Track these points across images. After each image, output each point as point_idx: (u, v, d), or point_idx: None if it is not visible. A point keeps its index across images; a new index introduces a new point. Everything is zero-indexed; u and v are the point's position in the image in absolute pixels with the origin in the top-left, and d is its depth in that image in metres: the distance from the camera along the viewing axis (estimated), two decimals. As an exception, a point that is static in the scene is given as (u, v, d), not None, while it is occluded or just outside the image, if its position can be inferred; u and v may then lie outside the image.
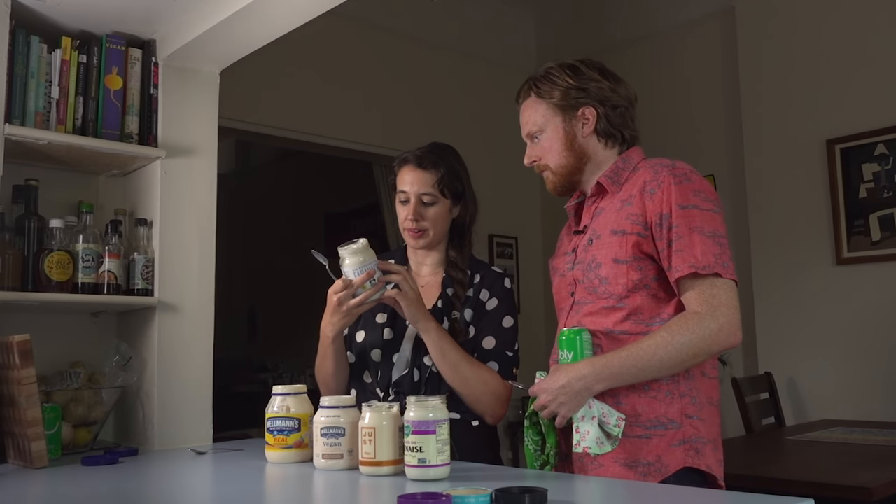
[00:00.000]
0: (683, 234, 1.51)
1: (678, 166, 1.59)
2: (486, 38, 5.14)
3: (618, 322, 1.56)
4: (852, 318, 3.85)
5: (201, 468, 1.79)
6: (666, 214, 1.53)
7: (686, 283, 1.51)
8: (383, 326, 1.85)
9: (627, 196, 1.60)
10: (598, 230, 1.63)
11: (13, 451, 1.81)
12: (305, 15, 2.04)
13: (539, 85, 1.68)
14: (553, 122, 1.67)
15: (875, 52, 3.87)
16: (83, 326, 2.24)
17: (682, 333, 1.48)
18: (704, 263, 1.49)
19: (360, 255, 1.68)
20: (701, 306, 1.49)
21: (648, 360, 1.48)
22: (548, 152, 1.69)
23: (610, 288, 1.57)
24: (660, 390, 1.54)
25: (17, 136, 1.95)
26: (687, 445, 1.53)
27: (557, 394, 1.50)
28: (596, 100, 1.65)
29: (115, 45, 2.15)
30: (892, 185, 3.80)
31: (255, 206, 6.95)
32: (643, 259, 1.56)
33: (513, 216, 5.07)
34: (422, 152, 1.89)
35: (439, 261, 1.93)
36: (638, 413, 1.52)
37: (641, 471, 1.51)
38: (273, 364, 6.38)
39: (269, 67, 3.79)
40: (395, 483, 1.40)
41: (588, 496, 1.32)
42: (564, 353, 1.55)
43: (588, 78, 1.66)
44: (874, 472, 2.30)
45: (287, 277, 6.40)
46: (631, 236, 1.55)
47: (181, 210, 2.21)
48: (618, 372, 1.50)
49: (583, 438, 1.49)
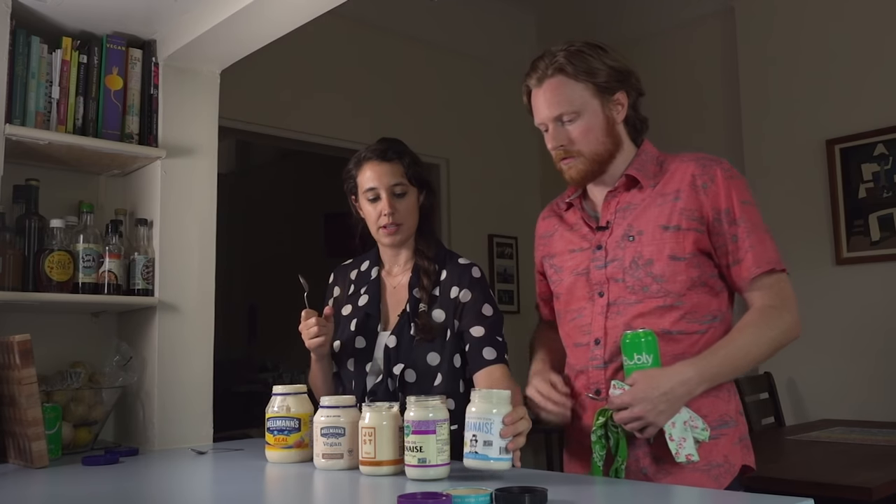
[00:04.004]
0: (752, 231, 1.49)
1: (723, 161, 1.56)
2: (486, 38, 5.14)
3: (674, 322, 1.50)
4: (852, 318, 3.85)
5: (201, 468, 1.79)
6: (727, 210, 1.50)
7: (758, 280, 1.49)
8: (355, 335, 1.85)
9: (672, 190, 1.54)
10: (636, 226, 1.55)
11: (13, 450, 1.81)
12: (305, 15, 2.04)
13: (573, 62, 1.55)
14: (591, 105, 1.55)
15: (875, 53, 3.87)
16: (83, 326, 2.24)
17: (771, 328, 1.46)
18: (777, 260, 1.50)
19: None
20: (774, 300, 1.48)
21: (743, 358, 1.45)
22: (583, 138, 1.56)
23: (667, 286, 1.50)
24: (721, 388, 1.50)
25: (17, 136, 1.95)
26: (743, 443, 1.53)
27: (658, 402, 1.40)
28: (627, 84, 1.58)
29: (116, 45, 2.15)
30: (892, 185, 3.80)
31: (255, 206, 6.94)
32: (700, 255, 1.51)
33: (513, 216, 5.07)
34: (380, 147, 1.86)
35: (409, 257, 1.90)
36: (704, 414, 1.46)
37: (714, 473, 1.47)
38: (273, 364, 6.37)
39: (270, 67, 3.79)
40: (395, 483, 1.40)
41: (588, 496, 1.32)
42: (640, 356, 1.43)
43: (615, 59, 1.58)
44: (874, 472, 2.30)
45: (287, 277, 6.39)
46: (689, 232, 1.50)
47: (181, 210, 2.21)
48: (717, 372, 1.45)
49: (680, 447, 1.41)
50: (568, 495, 1.27)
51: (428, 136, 4.53)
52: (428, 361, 1.77)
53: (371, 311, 1.86)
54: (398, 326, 1.81)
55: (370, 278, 1.93)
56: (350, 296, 1.95)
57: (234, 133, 4.08)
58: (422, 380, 1.76)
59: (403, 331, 1.79)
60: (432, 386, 1.76)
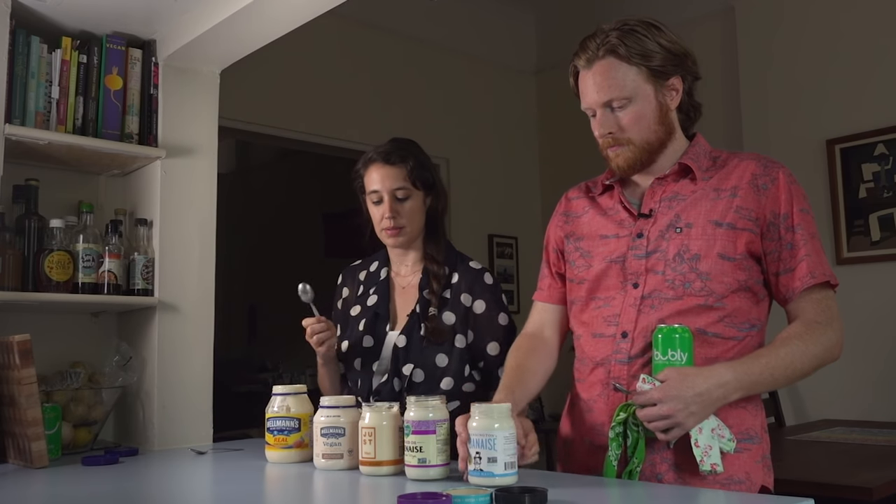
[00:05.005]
0: (808, 240, 1.42)
1: (785, 165, 1.49)
2: (486, 38, 5.14)
3: (712, 323, 1.41)
4: (852, 318, 3.80)
5: (201, 468, 1.79)
6: (785, 215, 1.43)
7: (810, 292, 1.42)
8: (363, 334, 1.85)
9: (729, 187, 1.46)
10: (685, 218, 1.46)
11: (13, 450, 1.81)
12: (305, 15, 2.04)
13: (628, 44, 1.45)
14: (644, 90, 1.46)
15: (875, 53, 3.87)
16: (83, 326, 2.24)
17: (815, 344, 1.39)
18: (832, 274, 1.43)
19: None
20: (820, 316, 1.41)
21: (784, 370, 1.37)
22: (635, 124, 1.47)
23: (711, 285, 1.41)
24: (749, 401, 1.42)
25: (17, 136, 1.95)
26: (765, 462, 1.44)
27: (691, 402, 1.30)
28: (682, 67, 1.50)
29: (116, 45, 2.15)
30: (892, 185, 3.80)
31: (255, 206, 6.94)
32: (750, 258, 1.43)
33: (513, 216, 5.07)
34: (386, 149, 1.87)
35: (418, 258, 1.91)
36: (730, 425, 1.38)
37: (734, 489, 1.38)
38: (273, 364, 6.37)
39: (269, 67, 3.79)
40: (395, 483, 1.40)
41: (588, 496, 1.32)
42: (676, 353, 1.35)
43: (672, 40, 1.49)
44: (874, 472, 2.30)
45: (287, 277, 6.40)
46: (743, 233, 1.42)
47: (181, 210, 2.21)
48: (757, 380, 1.36)
49: (706, 454, 1.33)
50: (568, 495, 1.27)
51: (428, 136, 4.49)
52: (436, 363, 1.78)
53: (380, 311, 1.86)
54: (408, 326, 1.81)
55: (379, 278, 1.94)
56: (359, 296, 1.95)
57: (234, 133, 4.08)
58: (429, 380, 1.77)
59: (413, 331, 1.80)
60: (438, 387, 1.77)
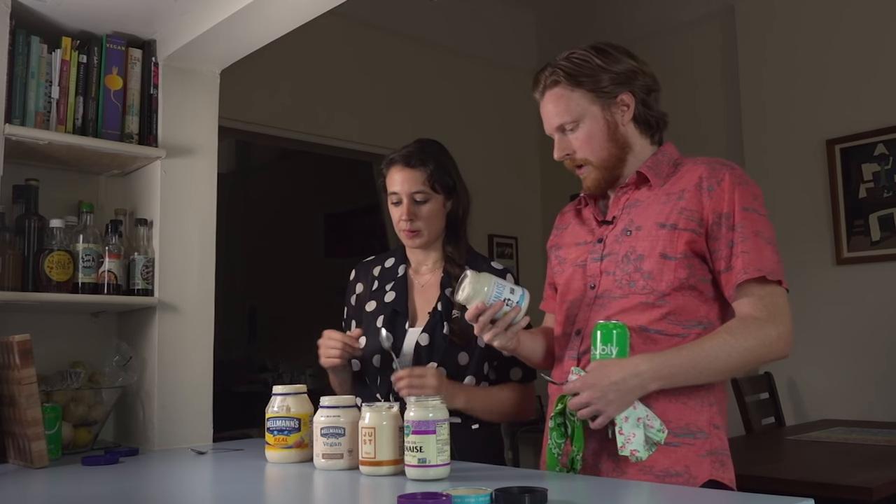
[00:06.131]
0: (748, 237, 1.45)
1: (736, 167, 1.52)
2: (486, 38, 5.14)
3: (654, 320, 1.47)
4: (852, 318, 3.85)
5: (201, 468, 1.79)
6: (727, 214, 1.46)
7: (747, 288, 1.44)
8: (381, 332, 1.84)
9: (678, 190, 1.51)
10: (636, 221, 1.53)
11: (13, 450, 1.81)
12: (305, 15, 2.04)
13: (567, 71, 1.54)
14: (591, 111, 1.54)
15: (875, 53, 3.87)
16: (83, 326, 2.24)
17: (746, 338, 1.41)
18: (771, 269, 1.44)
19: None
20: (760, 312, 1.43)
21: (708, 363, 1.41)
22: (586, 145, 1.55)
23: (652, 283, 1.47)
24: (691, 397, 1.46)
25: (17, 136, 1.95)
26: (713, 457, 1.47)
27: (607, 390, 1.38)
28: (632, 84, 1.55)
29: (116, 45, 2.15)
30: (892, 185, 3.80)
31: (255, 206, 6.94)
32: (693, 257, 1.48)
33: (513, 216, 5.07)
34: (408, 151, 1.87)
35: (438, 258, 1.92)
36: (668, 419, 1.44)
37: (669, 481, 1.43)
38: (273, 364, 6.37)
39: (269, 67, 3.79)
40: (395, 483, 1.40)
41: (588, 496, 1.32)
42: (606, 347, 1.43)
43: (618, 60, 1.55)
44: (874, 472, 2.30)
45: (287, 277, 6.40)
46: (684, 232, 1.47)
47: (181, 210, 2.21)
48: (676, 371, 1.41)
49: (628, 441, 1.40)
50: (568, 495, 1.27)
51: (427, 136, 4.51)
52: (458, 361, 1.79)
53: (398, 308, 1.86)
54: (430, 325, 1.81)
55: (397, 275, 1.93)
56: (374, 291, 1.94)
57: (234, 133, 4.08)
58: (451, 378, 1.78)
59: (436, 330, 1.80)
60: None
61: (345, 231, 6.23)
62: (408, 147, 1.89)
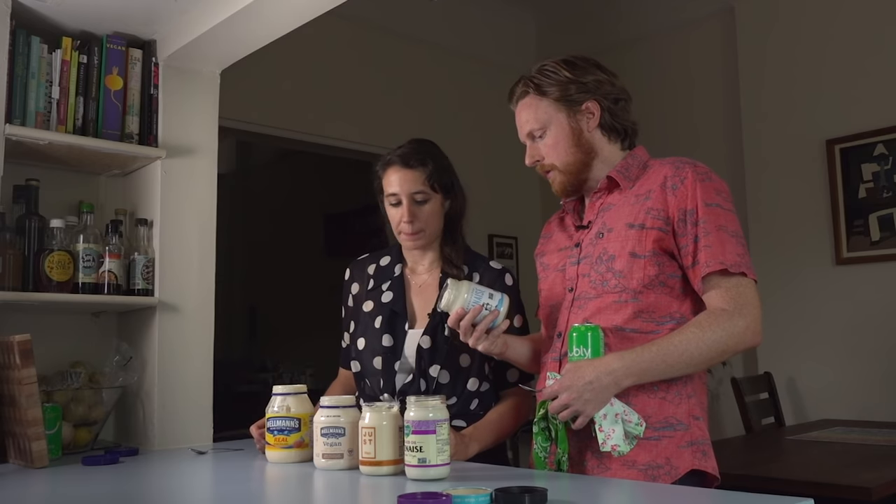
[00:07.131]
0: (711, 231, 1.49)
1: (699, 165, 1.57)
2: (485, 38, 5.14)
3: (628, 319, 1.52)
4: (852, 318, 3.85)
5: (201, 468, 1.79)
6: (691, 210, 1.51)
7: (712, 280, 1.49)
8: (381, 332, 1.82)
9: (645, 191, 1.57)
10: (608, 224, 1.59)
11: (14, 450, 1.81)
12: (305, 15, 2.04)
13: (536, 82, 1.63)
14: (556, 118, 1.62)
15: (875, 53, 3.87)
16: (83, 326, 2.24)
17: (713, 330, 1.45)
18: (733, 261, 1.48)
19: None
20: (728, 304, 1.47)
21: (679, 357, 1.45)
22: (553, 151, 1.63)
23: (624, 282, 1.52)
24: (669, 391, 1.51)
25: (17, 136, 1.95)
26: (694, 447, 1.51)
27: (583, 391, 1.43)
28: (598, 93, 1.61)
29: (116, 45, 2.15)
30: (892, 185, 3.80)
31: (256, 206, 6.94)
32: (662, 255, 1.52)
33: (512, 216, 5.07)
34: (404, 151, 1.86)
35: (435, 258, 1.90)
36: (648, 414, 1.49)
37: (651, 474, 1.47)
38: (273, 364, 6.37)
39: (269, 67, 3.79)
40: (395, 483, 1.40)
41: (588, 496, 1.32)
42: (580, 349, 1.48)
43: (586, 71, 1.62)
44: (874, 472, 2.30)
45: (287, 277, 6.40)
46: (651, 231, 1.52)
47: (181, 210, 2.21)
48: (648, 367, 1.46)
49: (608, 437, 1.45)
50: (568, 495, 1.27)
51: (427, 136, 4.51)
52: (460, 363, 1.79)
53: (397, 309, 1.84)
54: (430, 327, 1.80)
55: (393, 275, 1.91)
56: (370, 291, 1.91)
57: (234, 133, 4.08)
58: (455, 381, 1.78)
59: (437, 331, 1.79)
60: (465, 387, 1.78)
61: (345, 231, 6.22)
62: (403, 147, 1.88)
